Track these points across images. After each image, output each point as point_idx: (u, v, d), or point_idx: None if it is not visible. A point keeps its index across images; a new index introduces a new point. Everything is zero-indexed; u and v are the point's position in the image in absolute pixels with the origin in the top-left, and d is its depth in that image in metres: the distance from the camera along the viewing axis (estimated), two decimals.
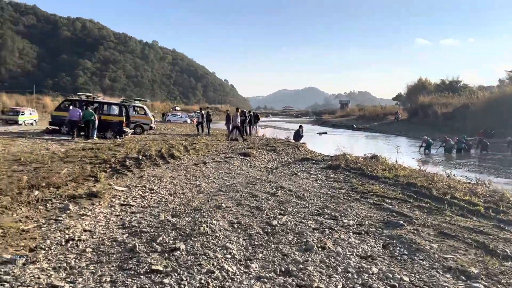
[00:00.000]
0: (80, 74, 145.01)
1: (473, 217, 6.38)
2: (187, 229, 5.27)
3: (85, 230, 5.26)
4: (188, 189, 8.19)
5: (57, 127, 19.10)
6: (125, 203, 6.79)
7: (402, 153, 14.78)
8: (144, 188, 8.00)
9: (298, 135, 22.01)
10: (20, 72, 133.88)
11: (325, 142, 29.20)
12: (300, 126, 23.06)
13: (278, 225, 5.60)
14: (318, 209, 6.70)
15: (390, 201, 7.46)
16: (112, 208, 6.41)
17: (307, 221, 5.90)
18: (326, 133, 41.33)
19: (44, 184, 7.38)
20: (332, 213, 6.38)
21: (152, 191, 7.80)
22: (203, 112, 26.26)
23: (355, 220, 6.03)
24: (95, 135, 17.57)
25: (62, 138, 17.50)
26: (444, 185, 8.81)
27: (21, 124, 30.84)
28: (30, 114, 34.18)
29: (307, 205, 6.96)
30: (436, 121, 40.63)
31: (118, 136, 18.75)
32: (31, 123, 32.31)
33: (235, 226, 5.52)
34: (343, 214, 6.33)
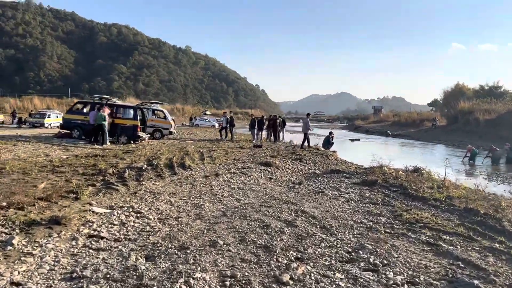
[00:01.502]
0: (115, 78, 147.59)
1: None
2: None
3: (12, 284, 3.67)
4: (185, 212, 6.53)
5: (68, 131, 17.98)
6: (94, 233, 5.20)
7: (450, 166, 12.63)
8: (130, 210, 6.40)
9: (327, 142, 20.04)
10: (58, 77, 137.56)
11: (358, 150, 27.08)
12: (331, 133, 21.05)
13: (291, 283, 3.83)
14: (350, 250, 4.87)
15: (448, 238, 5.51)
16: (74, 242, 4.82)
17: (335, 274, 4.08)
18: (358, 139, 38.98)
19: (4, 204, 5.91)
20: (371, 259, 4.52)
21: (138, 215, 6.18)
22: (227, 116, 24.71)
23: (405, 274, 4.16)
24: (108, 141, 16.27)
25: (73, 143, 16.31)
26: None
27: (47, 127, 30.39)
28: (57, 116, 33.80)
29: (335, 243, 5.14)
30: (477, 129, 37.61)
31: (132, 142, 17.43)
32: (58, 126, 31.83)
33: (227, 283, 3.78)
34: (386, 262, 4.47)
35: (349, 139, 38.04)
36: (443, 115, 53.66)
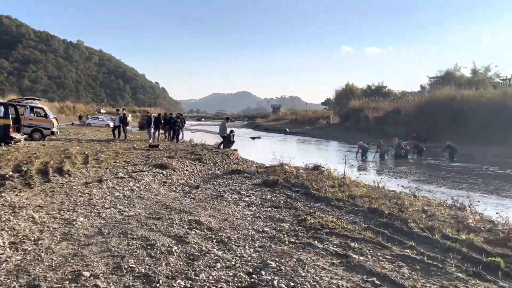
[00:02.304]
0: None
1: (496, 279, 4.07)
2: None
3: None
4: (50, 231, 5.23)
5: None
6: None
7: (349, 162, 12.65)
8: None
9: (228, 140, 19.40)
10: None
11: (259, 148, 26.98)
12: (231, 131, 20.43)
13: None
14: (251, 270, 4.06)
15: (357, 245, 4.98)
16: None
17: None
18: (259, 137, 39.20)
19: None
20: (275, 282, 3.75)
21: None
22: (120, 114, 22.80)
23: None
24: None
25: None
26: (420, 212, 6.58)
27: None
28: None
29: (233, 262, 4.29)
30: (368, 126, 40.02)
31: (3, 144, 14.96)
32: None
33: None
34: (292, 284, 3.73)
35: (250, 137, 38.06)
36: (336, 113, 56.67)
